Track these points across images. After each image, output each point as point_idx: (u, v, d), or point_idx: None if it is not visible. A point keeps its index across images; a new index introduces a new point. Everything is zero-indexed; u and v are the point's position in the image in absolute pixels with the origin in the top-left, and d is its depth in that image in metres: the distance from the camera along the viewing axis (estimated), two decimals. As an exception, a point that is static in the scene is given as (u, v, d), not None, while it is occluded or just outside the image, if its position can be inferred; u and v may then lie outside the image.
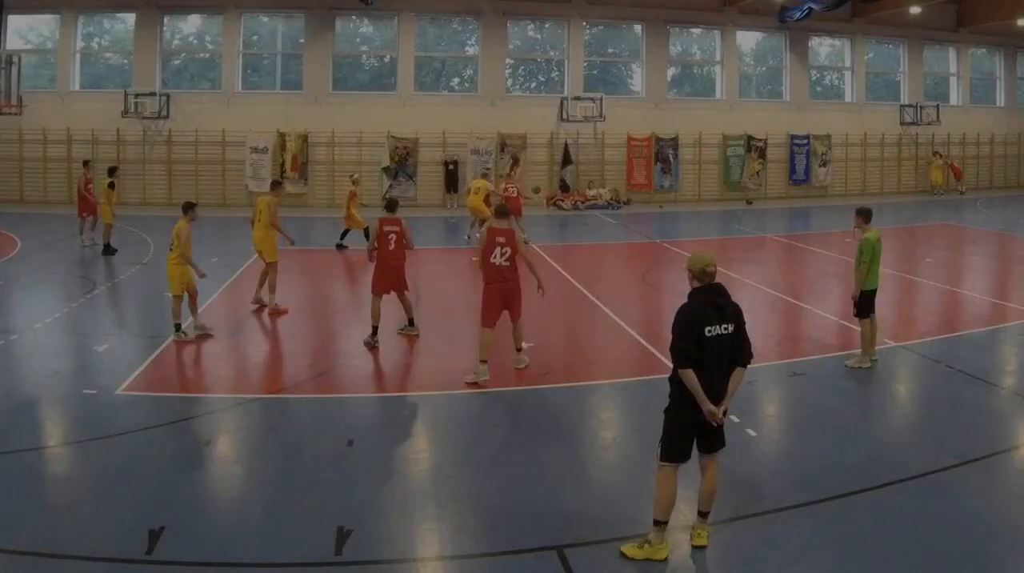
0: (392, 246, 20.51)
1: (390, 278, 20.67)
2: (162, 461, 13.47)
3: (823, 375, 18.12)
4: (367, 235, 32.48)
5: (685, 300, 10.49)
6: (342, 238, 34.71)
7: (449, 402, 16.63)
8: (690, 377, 10.12)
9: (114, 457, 13.58)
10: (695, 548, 10.67)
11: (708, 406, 10.13)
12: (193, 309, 21.01)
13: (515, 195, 35.87)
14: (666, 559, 10.41)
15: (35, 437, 14.61)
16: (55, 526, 11.20)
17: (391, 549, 10.85)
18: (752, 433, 14.64)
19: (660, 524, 10.49)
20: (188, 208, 21.23)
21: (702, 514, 10.82)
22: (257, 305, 24.05)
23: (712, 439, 10.56)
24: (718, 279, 10.48)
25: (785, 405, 16.78)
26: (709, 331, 10.16)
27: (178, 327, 20.42)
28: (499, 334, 18.53)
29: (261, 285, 24.37)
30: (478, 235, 30.62)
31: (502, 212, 18.85)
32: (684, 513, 11.13)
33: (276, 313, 23.63)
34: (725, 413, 10.38)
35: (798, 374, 18.14)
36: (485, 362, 17.79)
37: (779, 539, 10.97)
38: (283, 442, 14.50)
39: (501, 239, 18.15)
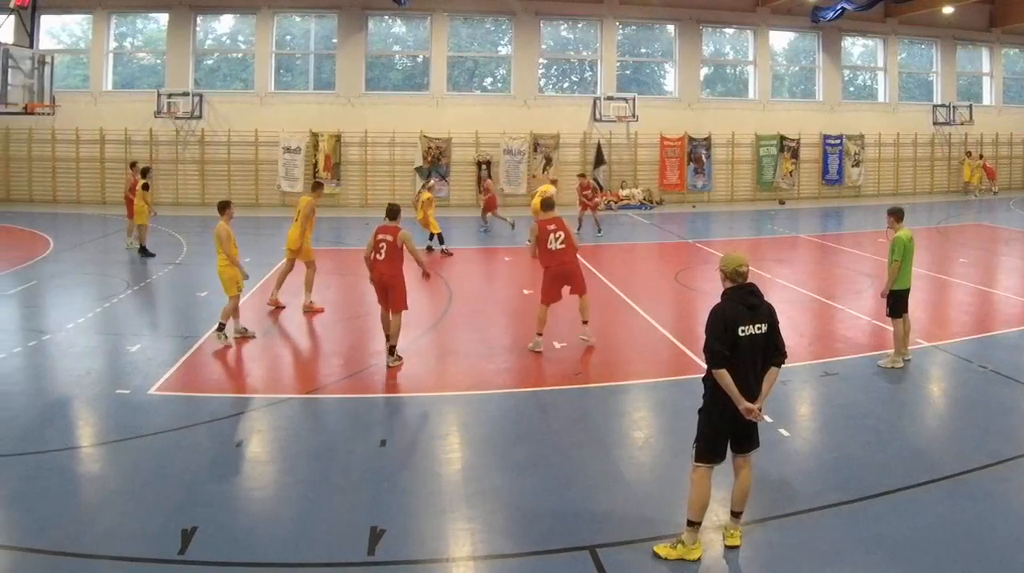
0: (383, 256, 18.96)
1: (383, 291, 19.13)
2: (194, 461, 13.50)
3: (856, 375, 18.07)
4: (435, 239, 33.25)
5: (718, 300, 10.49)
6: (440, 242, 34.78)
7: (481, 402, 16.59)
8: (724, 377, 10.13)
9: (146, 457, 13.61)
10: (728, 548, 10.65)
11: (744, 404, 10.14)
12: (236, 313, 20.86)
13: (492, 194, 38.61)
14: (699, 559, 10.40)
15: (68, 437, 14.67)
16: (88, 526, 11.25)
17: (424, 549, 10.85)
18: (785, 433, 14.64)
19: (694, 525, 10.48)
20: (224, 207, 21.01)
21: (735, 514, 10.81)
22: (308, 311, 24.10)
23: (746, 439, 10.57)
24: (750, 279, 10.45)
25: (818, 405, 16.70)
26: (743, 331, 10.18)
27: (222, 327, 20.25)
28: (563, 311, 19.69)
29: (293, 285, 24.62)
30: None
31: (548, 205, 20.92)
32: (717, 513, 11.14)
33: (313, 311, 23.85)
34: (760, 412, 10.35)
35: (831, 374, 18.08)
36: (540, 335, 20.20)
37: (812, 539, 10.94)
38: (315, 442, 14.53)
39: (552, 227, 20.19)
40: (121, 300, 24.83)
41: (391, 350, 18.84)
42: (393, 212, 19.66)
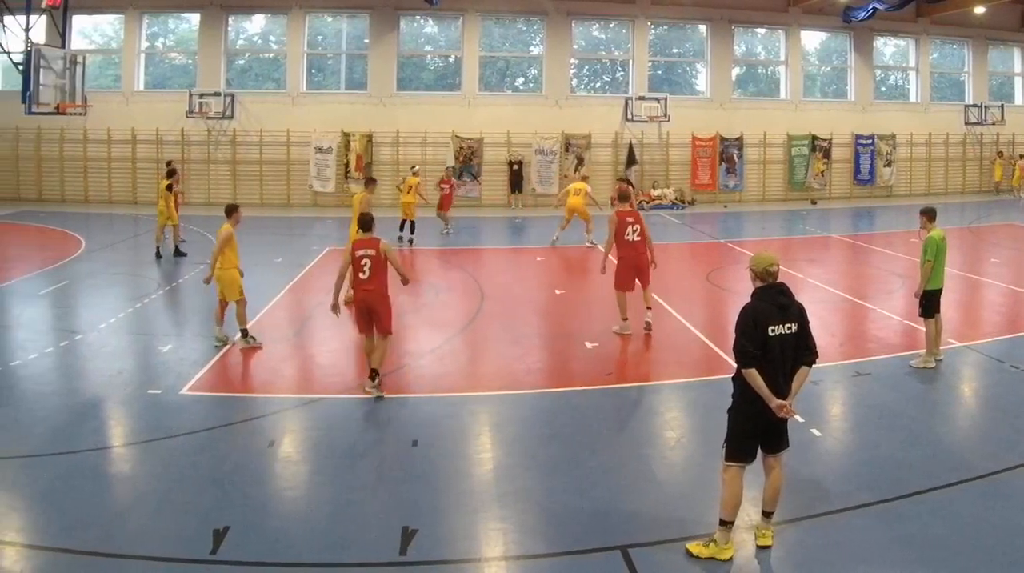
0: (367, 274, 17.10)
1: (366, 315, 17.27)
2: (226, 461, 13.54)
3: (888, 375, 17.99)
4: (406, 227, 33.80)
5: (749, 300, 10.47)
6: (411, 231, 35.23)
7: (513, 402, 16.61)
8: (754, 377, 10.12)
9: (178, 457, 13.63)
10: (760, 548, 10.63)
11: (775, 401, 10.13)
12: (221, 317, 20.45)
13: (448, 192, 38.41)
14: (731, 559, 10.38)
15: (100, 437, 14.71)
16: (120, 526, 11.28)
17: (456, 549, 10.85)
18: (817, 433, 14.59)
19: (726, 524, 10.46)
20: (232, 211, 20.52)
21: (766, 514, 10.78)
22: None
23: (776, 439, 10.55)
24: (782, 279, 10.43)
25: (849, 405, 16.65)
26: (772, 330, 10.17)
27: (245, 333, 20.07)
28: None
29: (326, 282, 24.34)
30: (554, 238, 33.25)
31: (624, 197, 22.16)
32: (749, 513, 11.12)
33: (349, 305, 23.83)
34: (791, 408, 10.32)
35: (862, 374, 18.00)
36: (626, 319, 21.14)
37: (843, 539, 10.91)
38: (347, 442, 14.53)
39: (631, 219, 21.39)
40: (152, 300, 24.91)
41: (372, 375, 16.87)
42: (367, 223, 17.79)
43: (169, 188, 32.72)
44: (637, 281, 21.53)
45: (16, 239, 37.15)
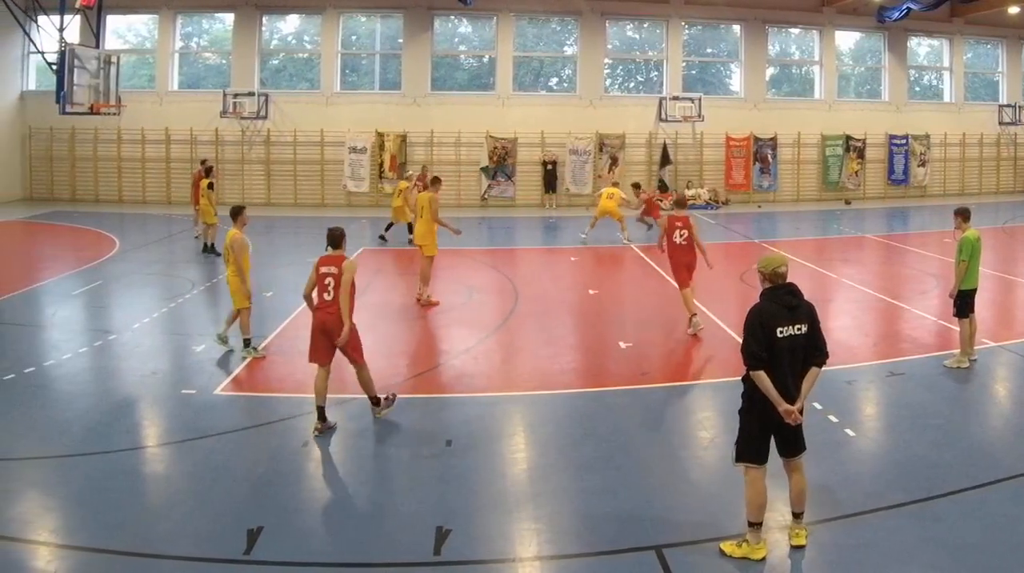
0: (330, 295, 15.29)
1: (324, 341, 15.36)
2: (260, 461, 13.60)
3: (922, 375, 17.98)
4: (411, 229, 32.99)
5: (757, 301, 10.54)
6: (386, 230, 35.69)
7: (547, 402, 16.63)
8: (762, 379, 10.17)
9: (212, 457, 13.69)
10: (793, 548, 10.62)
11: (784, 406, 10.14)
12: (231, 321, 20.06)
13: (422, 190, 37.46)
14: (764, 559, 10.39)
15: (134, 437, 14.77)
16: (154, 526, 11.33)
17: (490, 549, 10.88)
18: (851, 433, 14.59)
19: (754, 525, 10.48)
20: (237, 213, 19.86)
21: (796, 515, 10.78)
22: (425, 304, 24.53)
23: (791, 443, 10.57)
24: (817, 279, 10.41)
25: (883, 405, 16.62)
26: (781, 332, 10.22)
27: (248, 342, 19.59)
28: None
29: (425, 283, 24.84)
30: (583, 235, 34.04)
31: (680, 203, 22.98)
32: (782, 513, 11.13)
33: (428, 305, 24.21)
34: (802, 413, 10.35)
35: (896, 374, 17.98)
36: (695, 315, 21.53)
37: (877, 539, 10.88)
38: (381, 442, 14.60)
39: (679, 223, 21.86)
40: (187, 300, 24.99)
41: (375, 401, 15.65)
42: (336, 238, 15.85)
43: (211, 186, 32.82)
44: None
45: (50, 239, 37.33)
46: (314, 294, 15.47)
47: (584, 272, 30.44)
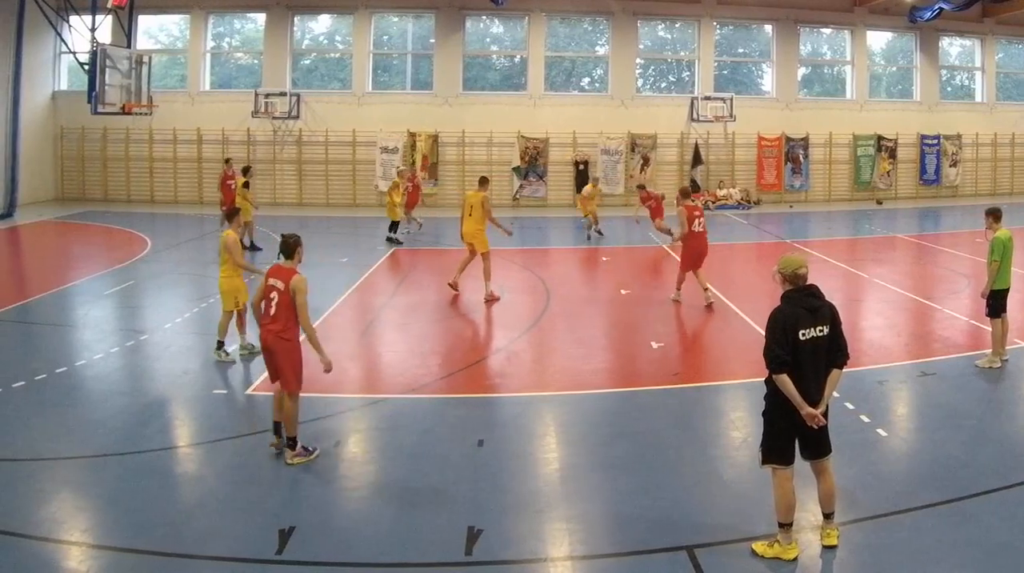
0: (274, 310, 13.88)
1: (269, 359, 14.16)
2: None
3: (953, 375, 17.90)
4: (393, 228, 33.61)
5: (779, 303, 10.52)
6: (392, 230, 35.44)
7: (578, 402, 16.62)
8: (785, 382, 10.12)
9: (244, 457, 13.73)
10: (825, 548, 10.60)
11: (806, 409, 10.11)
12: (241, 326, 19.81)
13: (412, 190, 38.15)
14: (795, 559, 10.37)
15: (166, 437, 14.81)
16: (185, 526, 11.36)
17: (521, 549, 10.87)
18: (883, 433, 14.54)
19: (785, 526, 10.47)
20: (232, 215, 19.65)
21: (827, 516, 10.74)
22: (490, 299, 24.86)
23: (816, 445, 10.53)
24: (849, 280, 10.39)
25: (915, 405, 16.60)
26: (803, 334, 10.18)
27: (221, 345, 19.23)
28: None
29: (461, 271, 25.42)
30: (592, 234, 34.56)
31: (686, 193, 25.04)
32: (814, 513, 11.10)
33: (492, 300, 24.58)
34: (825, 415, 10.33)
35: (928, 374, 17.91)
36: (707, 289, 23.82)
37: (909, 539, 10.87)
38: (413, 442, 14.54)
39: (698, 213, 24.23)
40: (218, 300, 25.00)
41: (291, 444, 13.72)
42: (289, 247, 14.30)
43: (246, 185, 32.90)
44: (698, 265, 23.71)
45: (82, 239, 37.47)
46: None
47: (616, 272, 30.43)
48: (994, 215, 18.41)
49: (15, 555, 10.53)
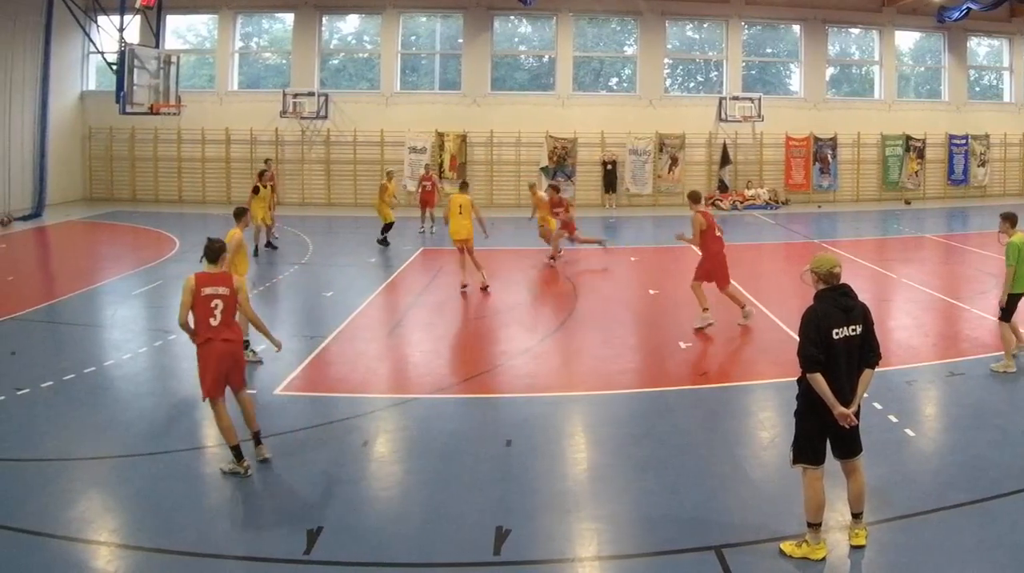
0: (217, 320, 13.31)
1: (224, 370, 13.32)
2: (320, 461, 13.63)
3: (981, 375, 17.82)
4: (386, 229, 33.66)
5: (812, 303, 10.52)
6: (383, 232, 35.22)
7: (606, 402, 16.61)
8: (818, 381, 10.11)
9: (272, 457, 13.69)
10: (853, 548, 10.58)
11: (839, 409, 10.08)
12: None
13: (430, 189, 38.58)
14: (824, 559, 10.36)
15: (194, 437, 14.83)
16: (214, 526, 11.43)
17: (549, 549, 10.88)
18: (910, 433, 14.50)
19: (814, 526, 10.45)
20: (241, 214, 19.88)
21: (856, 516, 10.72)
22: (483, 287, 25.54)
23: (848, 444, 10.50)
24: (877, 280, 10.38)
25: (943, 405, 16.54)
26: (836, 333, 10.17)
27: (247, 345, 18.11)
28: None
29: (479, 269, 25.88)
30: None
31: (696, 198, 22.77)
32: (842, 513, 11.08)
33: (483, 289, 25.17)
34: (857, 415, 10.30)
35: (956, 374, 17.87)
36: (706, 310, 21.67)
37: (937, 539, 10.85)
38: (441, 442, 14.54)
39: (716, 221, 22.24)
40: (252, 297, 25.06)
41: (256, 438, 13.59)
42: (213, 252, 14.01)
43: (256, 190, 32.85)
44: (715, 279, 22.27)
45: (110, 239, 37.61)
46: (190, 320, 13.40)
47: (644, 272, 30.42)
48: (1009, 220, 18.45)
49: (44, 555, 10.58)
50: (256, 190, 32.80)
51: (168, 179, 50.22)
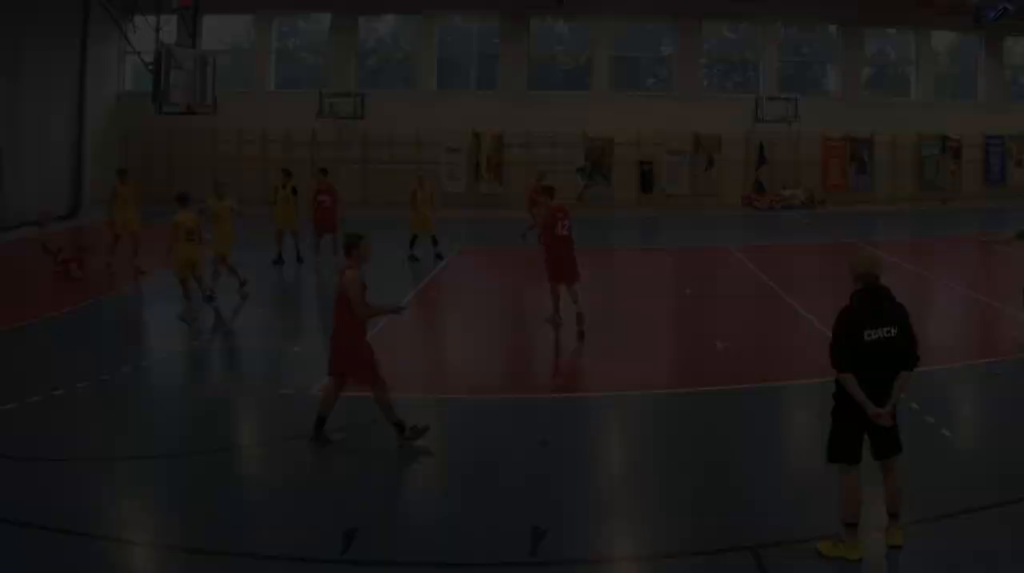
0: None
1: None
2: (357, 461, 13.78)
3: (1018, 375, 17.78)
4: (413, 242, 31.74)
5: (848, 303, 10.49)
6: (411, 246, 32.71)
7: (642, 402, 16.68)
8: (849, 381, 10.12)
9: (309, 457, 13.80)
10: (890, 548, 10.54)
11: (872, 409, 10.07)
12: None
13: (329, 204, 32.42)
14: (860, 559, 10.34)
15: (231, 437, 15.01)
16: (250, 527, 11.51)
17: (586, 549, 10.90)
18: (947, 433, 14.47)
19: (850, 525, 10.42)
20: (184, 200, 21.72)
21: (892, 515, 10.67)
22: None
23: (885, 445, 10.46)
24: (914, 280, 10.38)
25: (980, 405, 16.65)
26: (868, 335, 10.13)
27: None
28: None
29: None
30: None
31: (550, 192, 22.32)
32: (879, 512, 10.96)
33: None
34: (895, 416, 10.30)
35: (993, 374, 17.90)
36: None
37: (974, 539, 10.84)
38: (477, 442, 14.66)
39: (561, 214, 21.46)
40: (282, 301, 25.18)
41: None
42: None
43: (294, 191, 32.64)
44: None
45: (146, 239, 37.65)
46: None
47: (680, 272, 30.41)
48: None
49: (81, 555, 10.63)
50: (294, 190, 32.53)
51: (204, 179, 50.19)
